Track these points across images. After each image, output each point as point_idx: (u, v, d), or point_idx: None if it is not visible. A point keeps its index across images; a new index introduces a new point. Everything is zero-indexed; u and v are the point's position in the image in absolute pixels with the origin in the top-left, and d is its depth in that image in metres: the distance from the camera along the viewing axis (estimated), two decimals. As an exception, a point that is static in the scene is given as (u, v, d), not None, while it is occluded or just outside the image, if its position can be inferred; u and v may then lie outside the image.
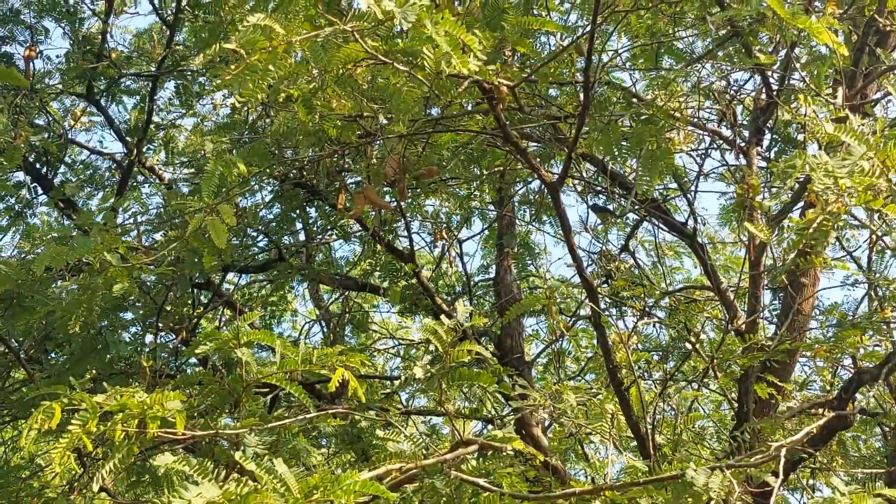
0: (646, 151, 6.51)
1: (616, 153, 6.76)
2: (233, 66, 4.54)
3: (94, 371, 8.07)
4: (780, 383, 6.83)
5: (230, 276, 9.86)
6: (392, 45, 5.20)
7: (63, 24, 9.22)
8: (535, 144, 7.95)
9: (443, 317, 4.96)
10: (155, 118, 9.63)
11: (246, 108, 8.78)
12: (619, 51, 8.26)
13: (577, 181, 8.66)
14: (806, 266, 5.83)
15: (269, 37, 4.56)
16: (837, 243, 7.39)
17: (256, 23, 4.49)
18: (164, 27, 9.52)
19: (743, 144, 7.55)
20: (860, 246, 7.68)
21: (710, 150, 8.38)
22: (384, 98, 6.30)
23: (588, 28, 6.18)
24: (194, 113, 9.80)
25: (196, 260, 7.18)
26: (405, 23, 4.35)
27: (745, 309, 7.62)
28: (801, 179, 6.29)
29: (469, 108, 6.88)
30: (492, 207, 10.38)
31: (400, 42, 5.03)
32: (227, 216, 5.50)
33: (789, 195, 6.80)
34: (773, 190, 6.18)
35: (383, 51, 5.12)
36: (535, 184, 9.80)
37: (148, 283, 8.45)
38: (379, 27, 4.77)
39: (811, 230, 4.12)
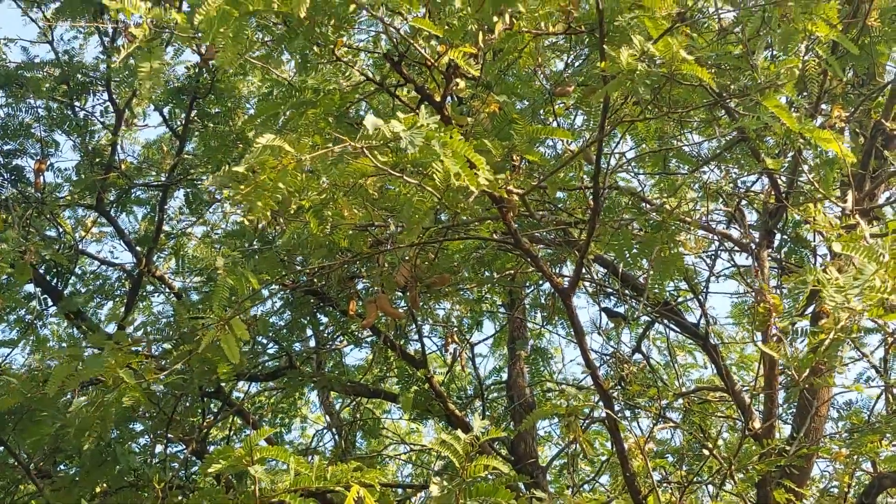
0: (657, 256, 6.50)
1: (627, 258, 6.76)
2: (242, 186, 4.55)
3: (103, 484, 7.99)
4: (798, 489, 6.73)
5: (240, 384, 9.80)
6: (401, 156, 5.24)
7: (73, 137, 9.31)
8: (546, 247, 7.96)
9: (459, 431, 4.90)
10: (165, 227, 9.68)
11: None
12: (627, 153, 8.33)
13: (588, 283, 8.65)
14: (820, 384, 5.79)
15: (278, 156, 4.58)
16: (851, 343, 7.33)
17: (266, 143, 4.51)
18: (173, 137, 9.62)
19: (754, 246, 7.54)
20: (875, 347, 7.63)
21: (719, 252, 8.37)
22: (395, 206, 6.34)
23: (595, 132, 6.22)
24: (204, 221, 9.85)
25: (207, 369, 7.15)
26: (411, 147, 4.38)
27: (760, 409, 7.55)
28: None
29: (480, 212, 6.90)
30: (503, 310, 10.35)
31: (409, 155, 5.05)
32: (239, 331, 5.48)
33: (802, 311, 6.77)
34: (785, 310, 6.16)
35: (392, 164, 5.16)
36: (547, 286, 9.79)
37: (157, 393, 8.40)
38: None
39: (823, 348, 4.09)
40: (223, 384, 9.03)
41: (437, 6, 6.09)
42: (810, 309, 6.90)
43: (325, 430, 10.91)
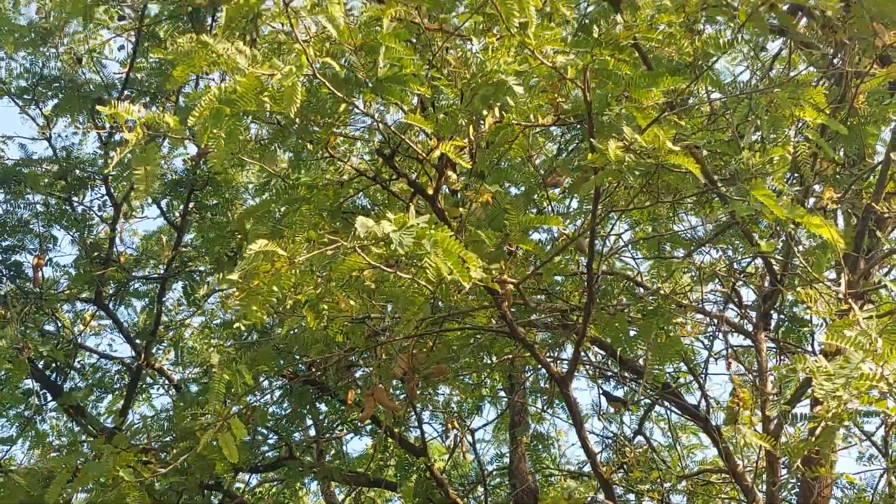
0: (654, 342, 6.51)
1: (624, 343, 6.77)
2: (236, 293, 4.58)
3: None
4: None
5: (240, 475, 9.74)
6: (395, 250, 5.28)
7: (72, 232, 9.37)
8: (543, 331, 7.96)
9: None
10: (163, 318, 9.69)
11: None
12: (622, 235, 8.38)
13: (587, 366, 8.64)
14: (813, 475, 5.77)
15: (271, 260, 4.62)
16: (851, 424, 7.30)
17: (259, 249, 4.55)
18: (171, 229, 9.68)
19: (750, 328, 7.55)
20: (876, 427, 7.60)
21: (717, 333, 8.37)
22: (391, 298, 6.37)
23: (589, 216, 6.26)
24: (202, 312, 9.87)
25: (206, 465, 7.13)
26: (401, 248, 4.42)
27: (763, 489, 7.49)
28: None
29: (475, 302, 6.92)
30: (503, 394, 10.31)
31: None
32: (238, 431, 5.47)
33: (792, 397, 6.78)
34: (774, 398, 6.17)
35: (387, 257, 5.19)
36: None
37: (157, 488, 8.35)
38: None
39: (815, 436, 4.10)
40: (223, 477, 8.98)
41: (428, 101, 6.19)
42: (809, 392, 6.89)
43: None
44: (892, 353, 4.07)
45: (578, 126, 6.72)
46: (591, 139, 5.55)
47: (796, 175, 7.35)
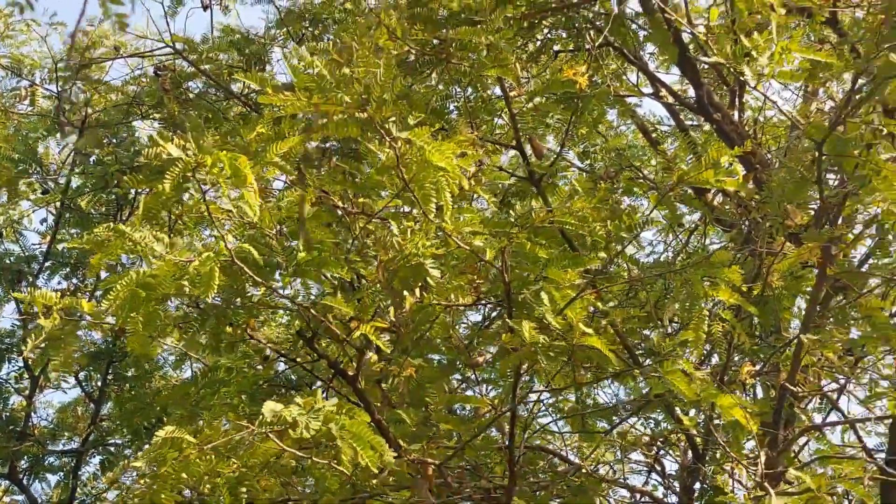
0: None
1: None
2: (143, 481, 4.52)
3: None
4: None
5: None
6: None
7: (-13, 405, 9.18)
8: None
9: None
10: (78, 492, 9.45)
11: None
12: (542, 400, 8.37)
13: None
14: None
15: (179, 447, 4.57)
16: None
17: (165, 436, 4.51)
18: (87, 400, 9.51)
19: (675, 501, 7.55)
20: None
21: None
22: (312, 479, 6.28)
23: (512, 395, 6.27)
24: (119, 486, 9.63)
25: None
26: (306, 432, 4.41)
27: None
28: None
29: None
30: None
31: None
32: None
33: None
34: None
35: (304, 442, 5.15)
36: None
37: None
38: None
39: None
40: None
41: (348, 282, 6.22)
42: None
43: None
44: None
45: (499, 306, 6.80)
46: (509, 320, 5.62)
47: (714, 351, 7.47)
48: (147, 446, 4.71)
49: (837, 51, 6.94)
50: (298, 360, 6.11)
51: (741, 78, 6.56)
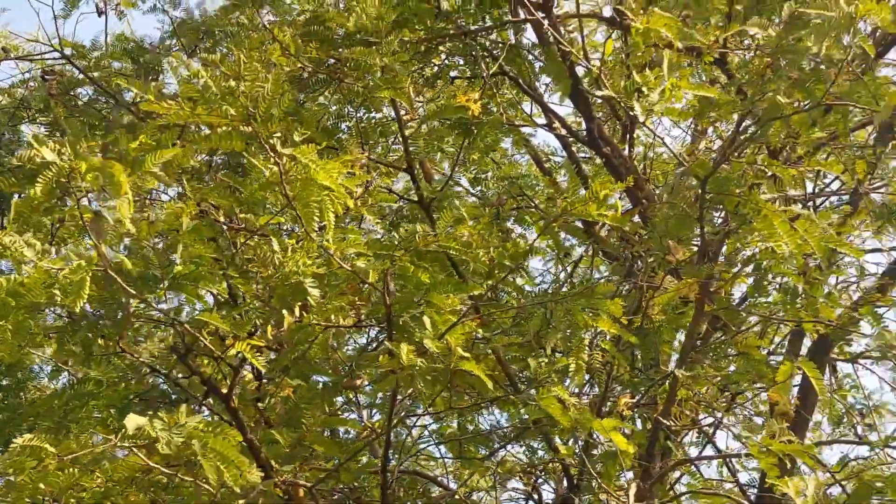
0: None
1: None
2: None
3: None
4: None
5: None
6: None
7: None
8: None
9: None
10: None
11: None
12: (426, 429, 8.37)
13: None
14: None
15: (38, 457, 4.47)
16: None
17: (23, 444, 4.40)
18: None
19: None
20: None
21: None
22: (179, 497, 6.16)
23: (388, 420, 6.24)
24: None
25: None
26: (167, 448, 4.34)
27: None
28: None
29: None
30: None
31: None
32: None
33: None
34: None
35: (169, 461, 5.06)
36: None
37: None
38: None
39: None
40: None
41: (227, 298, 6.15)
42: None
43: None
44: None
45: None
46: (389, 343, 5.59)
47: (594, 381, 7.53)
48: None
49: (727, 90, 7.07)
50: (170, 375, 6.00)
51: (631, 113, 6.65)
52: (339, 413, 7.56)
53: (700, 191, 6.39)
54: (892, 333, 7.21)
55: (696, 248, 7.26)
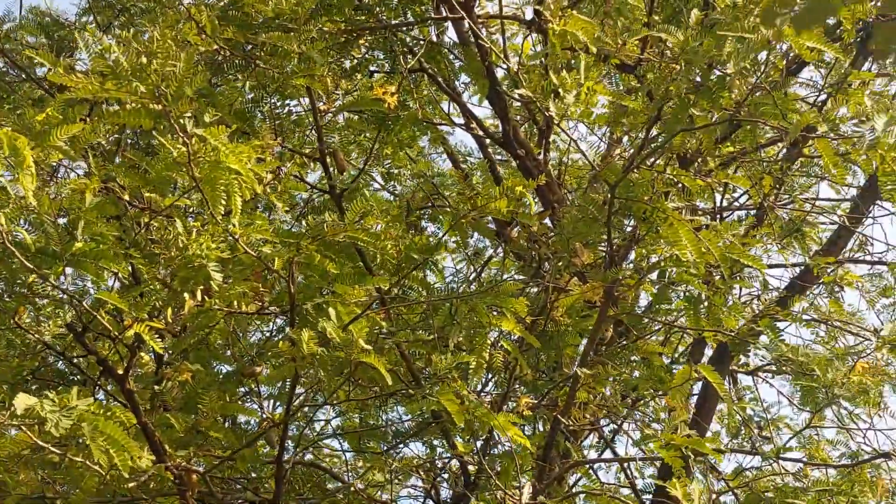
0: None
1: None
2: None
3: None
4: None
5: None
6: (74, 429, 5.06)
7: None
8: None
9: None
10: None
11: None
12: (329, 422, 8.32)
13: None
14: None
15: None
16: None
17: None
18: None
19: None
20: None
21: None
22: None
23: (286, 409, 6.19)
24: None
25: None
26: (55, 430, 4.26)
27: None
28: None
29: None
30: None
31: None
32: None
33: None
34: None
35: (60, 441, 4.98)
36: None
37: None
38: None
39: None
40: None
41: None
42: None
43: None
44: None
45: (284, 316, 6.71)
46: (289, 330, 5.56)
47: (495, 379, 7.56)
48: None
49: (636, 96, 7.15)
50: (66, 354, 5.89)
51: (547, 114, 6.68)
52: (241, 403, 7.50)
53: (609, 195, 6.44)
54: (788, 346, 7.35)
55: (603, 254, 7.32)
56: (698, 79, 6.22)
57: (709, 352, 8.39)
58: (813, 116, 5.63)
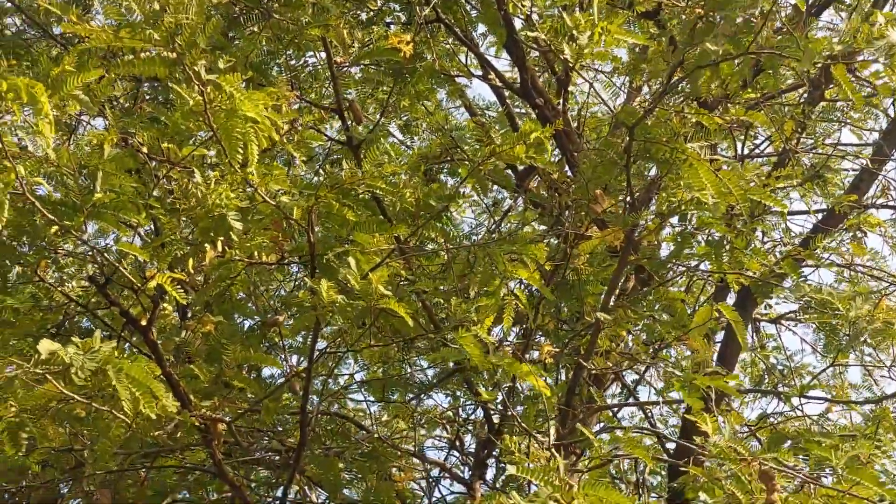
0: (366, 487, 6.48)
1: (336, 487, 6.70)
2: None
3: None
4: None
5: None
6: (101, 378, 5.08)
7: None
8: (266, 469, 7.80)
9: None
10: None
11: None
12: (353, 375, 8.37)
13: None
14: None
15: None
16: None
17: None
18: None
19: (467, 476, 7.62)
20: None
21: (439, 480, 8.42)
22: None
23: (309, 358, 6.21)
24: None
25: None
26: (81, 373, 4.28)
27: None
28: None
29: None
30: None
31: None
32: None
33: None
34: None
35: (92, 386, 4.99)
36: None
37: None
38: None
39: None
40: None
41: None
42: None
43: None
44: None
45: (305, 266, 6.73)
46: (309, 280, 5.57)
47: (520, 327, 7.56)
48: None
49: (658, 41, 7.09)
50: (88, 307, 5.92)
51: (562, 57, 6.62)
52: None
53: (628, 138, 6.40)
54: (810, 286, 7.32)
55: (623, 200, 7.29)
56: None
57: (731, 300, 8.36)
58: (828, 44, 5.58)
